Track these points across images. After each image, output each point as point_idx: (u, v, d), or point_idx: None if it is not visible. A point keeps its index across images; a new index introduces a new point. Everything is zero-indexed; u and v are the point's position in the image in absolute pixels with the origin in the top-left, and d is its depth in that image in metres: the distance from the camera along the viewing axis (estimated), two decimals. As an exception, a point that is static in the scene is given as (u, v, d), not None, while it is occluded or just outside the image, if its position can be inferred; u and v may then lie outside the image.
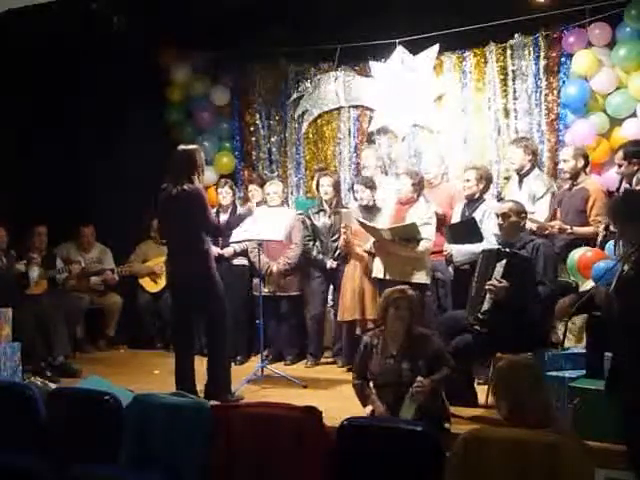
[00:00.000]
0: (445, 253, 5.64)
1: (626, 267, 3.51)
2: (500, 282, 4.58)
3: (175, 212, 4.99)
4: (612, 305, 3.55)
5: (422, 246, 5.51)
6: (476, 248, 5.19)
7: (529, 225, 5.17)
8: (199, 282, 4.97)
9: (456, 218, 5.76)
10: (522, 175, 5.83)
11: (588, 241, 5.34)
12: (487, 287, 4.62)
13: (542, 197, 5.71)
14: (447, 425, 4.19)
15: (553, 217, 5.72)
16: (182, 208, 4.93)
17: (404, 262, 5.56)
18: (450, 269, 5.79)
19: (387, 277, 5.60)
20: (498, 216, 4.91)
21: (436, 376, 4.16)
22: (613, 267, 3.80)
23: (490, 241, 5.32)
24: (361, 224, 5.74)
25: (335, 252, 6.19)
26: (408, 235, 5.49)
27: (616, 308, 3.51)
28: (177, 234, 5.05)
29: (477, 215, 5.53)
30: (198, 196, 4.93)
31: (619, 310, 3.48)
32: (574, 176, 5.60)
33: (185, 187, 4.90)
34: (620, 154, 5.21)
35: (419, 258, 5.56)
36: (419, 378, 4.08)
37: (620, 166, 5.21)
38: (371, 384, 4.37)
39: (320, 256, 6.22)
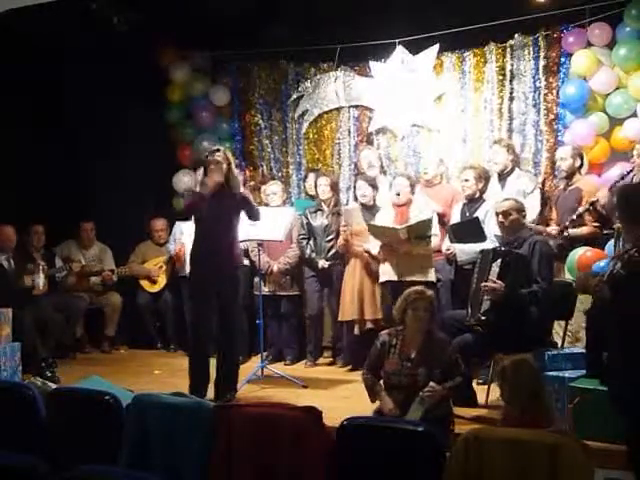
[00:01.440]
0: (448, 252, 5.64)
1: (618, 265, 3.52)
2: (495, 282, 4.59)
3: None
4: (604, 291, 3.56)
5: (433, 242, 5.55)
6: (480, 247, 5.20)
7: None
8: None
9: (456, 218, 5.77)
10: (504, 175, 5.87)
11: (587, 241, 5.34)
12: (483, 287, 4.63)
13: (532, 192, 5.78)
14: (451, 427, 4.19)
15: (548, 213, 5.78)
16: None
17: (414, 261, 5.56)
18: (451, 269, 5.79)
19: (400, 279, 5.57)
20: (498, 214, 4.91)
21: (449, 384, 4.15)
22: (605, 266, 3.81)
23: (493, 240, 5.34)
24: (371, 227, 5.72)
25: (328, 252, 6.18)
26: (423, 232, 5.51)
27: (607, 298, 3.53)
28: None
29: (479, 215, 5.54)
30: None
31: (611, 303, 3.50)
32: (570, 175, 5.67)
33: None
34: None
35: (428, 256, 5.58)
36: (431, 383, 4.06)
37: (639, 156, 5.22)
38: (381, 382, 4.36)
39: (313, 255, 6.22)
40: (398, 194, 5.72)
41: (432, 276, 5.59)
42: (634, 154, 5.30)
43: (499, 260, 4.69)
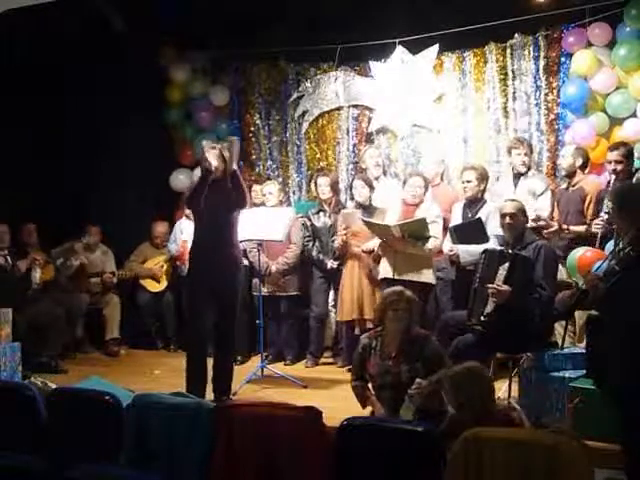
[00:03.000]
0: (451, 253, 5.61)
1: (613, 262, 3.53)
2: (501, 287, 4.57)
3: None
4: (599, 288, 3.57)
5: (431, 244, 5.53)
6: (483, 248, 5.18)
7: (532, 222, 5.20)
8: None
9: (456, 218, 5.74)
10: (518, 175, 5.85)
11: (588, 241, 5.34)
12: (490, 291, 4.61)
13: (543, 193, 5.75)
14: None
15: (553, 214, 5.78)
16: None
17: (413, 261, 5.56)
18: (452, 269, 5.77)
19: (395, 277, 5.57)
20: (505, 216, 4.90)
21: (434, 377, 4.15)
22: (602, 263, 3.81)
23: (493, 241, 5.32)
24: (367, 223, 5.72)
25: (335, 252, 6.19)
26: (417, 231, 5.50)
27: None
28: None
29: (481, 215, 5.51)
30: None
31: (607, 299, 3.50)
32: (570, 174, 5.67)
33: None
34: (622, 150, 5.25)
35: (427, 257, 5.57)
36: (417, 380, 4.08)
37: (618, 162, 5.23)
38: (370, 385, 4.36)
39: (321, 256, 6.23)
40: (414, 194, 5.72)
41: (430, 277, 5.57)
42: (613, 159, 5.31)
43: (507, 264, 4.64)
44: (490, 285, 4.63)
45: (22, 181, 6.75)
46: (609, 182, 5.32)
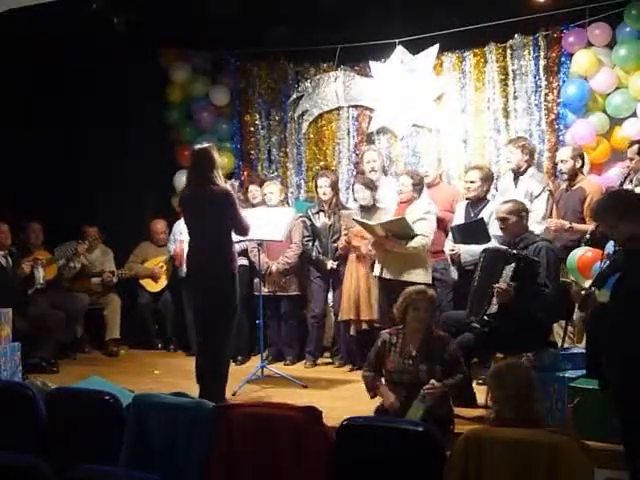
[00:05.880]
0: (453, 253, 5.60)
1: (606, 264, 3.53)
2: (509, 285, 4.55)
3: (201, 212, 4.91)
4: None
5: (416, 242, 5.47)
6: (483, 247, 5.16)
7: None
8: (218, 281, 4.87)
9: (459, 218, 5.72)
10: (518, 174, 5.84)
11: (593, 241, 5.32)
12: (496, 290, 4.58)
13: (539, 195, 5.73)
14: (451, 427, 4.20)
15: (550, 216, 5.75)
16: (208, 208, 4.87)
17: (401, 260, 5.54)
18: (453, 269, 5.76)
19: (384, 275, 5.59)
20: (498, 220, 4.89)
21: (449, 381, 4.17)
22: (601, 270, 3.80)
23: (494, 241, 5.31)
24: (356, 222, 5.74)
25: (335, 252, 6.18)
26: (399, 230, 5.48)
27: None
28: (202, 233, 4.94)
29: (484, 215, 5.50)
30: (228, 195, 4.86)
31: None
32: (572, 176, 5.65)
33: (213, 187, 4.82)
34: (635, 148, 5.23)
35: (416, 255, 5.54)
36: (432, 381, 4.08)
37: (631, 160, 5.22)
38: (384, 380, 4.36)
39: (321, 257, 6.22)
40: (401, 192, 5.73)
41: (422, 277, 5.51)
42: (628, 156, 5.30)
43: (513, 265, 4.59)
44: (496, 285, 4.60)
45: (22, 180, 6.74)
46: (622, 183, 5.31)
